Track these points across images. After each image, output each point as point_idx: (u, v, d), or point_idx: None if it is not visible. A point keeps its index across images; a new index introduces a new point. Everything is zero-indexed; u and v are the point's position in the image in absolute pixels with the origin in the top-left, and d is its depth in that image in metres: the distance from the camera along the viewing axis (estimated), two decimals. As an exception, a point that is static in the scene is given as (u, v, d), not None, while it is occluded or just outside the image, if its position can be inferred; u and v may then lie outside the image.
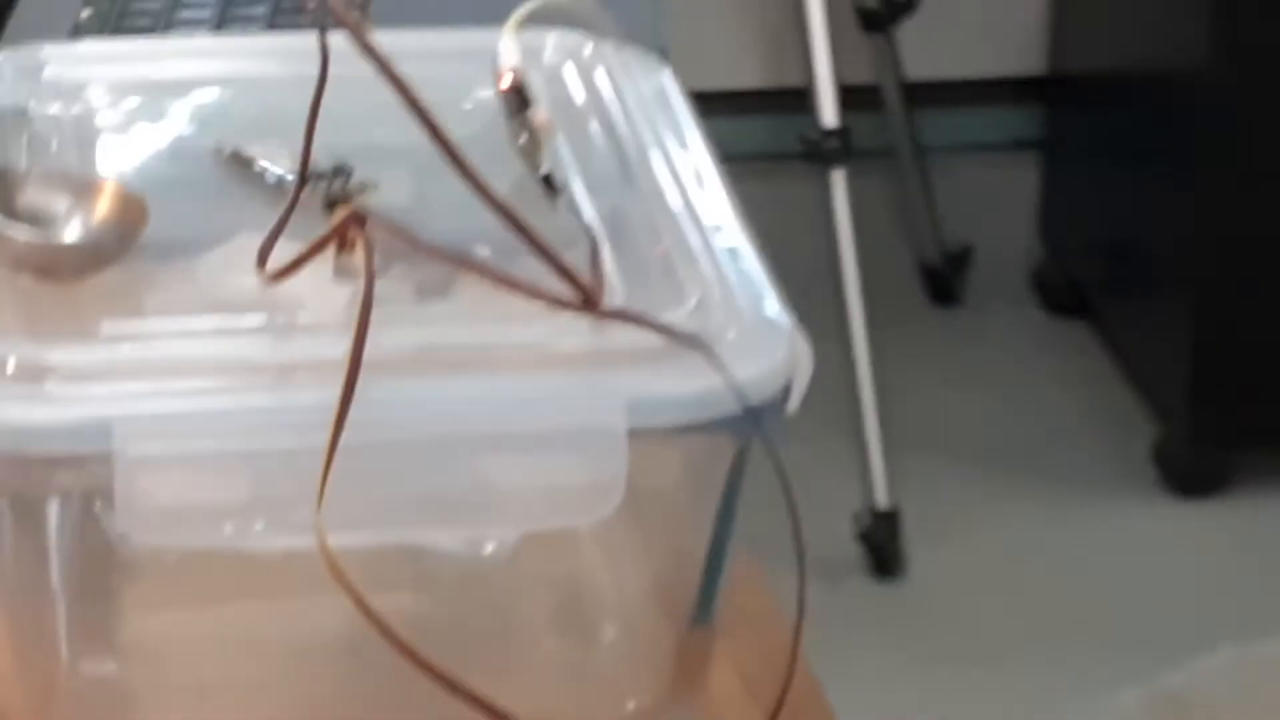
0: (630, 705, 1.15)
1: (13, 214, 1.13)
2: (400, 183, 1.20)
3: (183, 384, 1.06)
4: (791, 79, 3.29)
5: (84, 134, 1.25)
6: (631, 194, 1.21)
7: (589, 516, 1.08)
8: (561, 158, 1.22)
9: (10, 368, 1.05)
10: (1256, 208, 3.07)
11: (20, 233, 1.12)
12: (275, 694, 1.15)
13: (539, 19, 1.28)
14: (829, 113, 3.11)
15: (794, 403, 1.09)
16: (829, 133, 3.11)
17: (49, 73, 1.29)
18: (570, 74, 1.30)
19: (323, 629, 1.13)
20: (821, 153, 3.10)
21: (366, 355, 1.05)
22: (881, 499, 3.07)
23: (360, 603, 1.01)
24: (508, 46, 1.23)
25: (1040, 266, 3.56)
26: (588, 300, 1.09)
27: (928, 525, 3.11)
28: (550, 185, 1.18)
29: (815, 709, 1.17)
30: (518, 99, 1.22)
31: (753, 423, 1.07)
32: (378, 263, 1.09)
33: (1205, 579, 3.05)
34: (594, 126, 1.26)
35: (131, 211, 1.14)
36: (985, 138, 3.74)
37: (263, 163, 1.22)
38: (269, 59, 1.31)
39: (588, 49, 1.31)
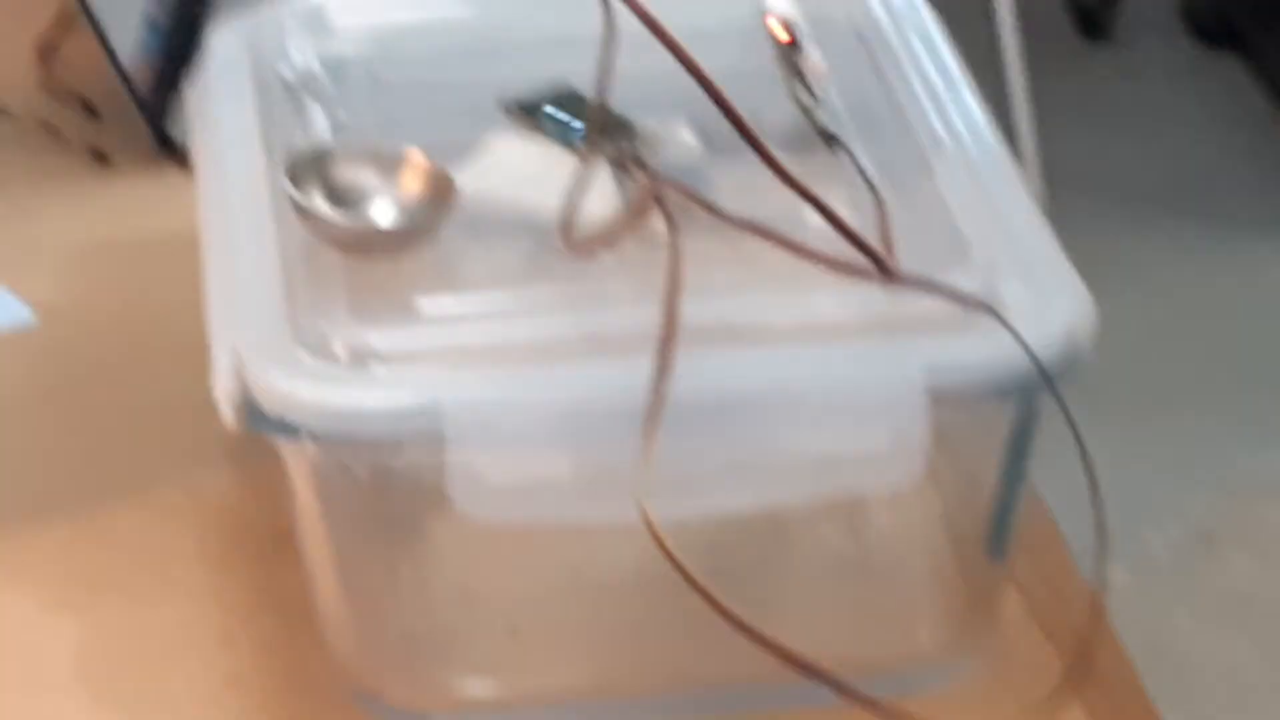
0: (924, 639, 1.23)
1: (327, 191, 1.19)
2: (680, 137, 1.25)
3: (503, 363, 1.11)
4: None
5: (372, 95, 1.31)
6: (903, 139, 1.26)
7: (892, 482, 1.13)
8: (834, 104, 1.28)
9: (339, 352, 1.11)
10: None
11: (338, 216, 1.18)
12: (581, 634, 1.22)
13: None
14: None
15: (1085, 359, 1.15)
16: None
17: (324, 24, 1.34)
18: (835, 11, 1.35)
19: (626, 572, 1.19)
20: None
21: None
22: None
23: (681, 569, 1.07)
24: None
25: (1190, -1, 3.50)
26: (880, 268, 1.15)
27: (1087, 273, 3.13)
28: (830, 139, 1.24)
29: (1116, 664, 1.22)
30: (790, 47, 1.28)
31: (1045, 381, 1.12)
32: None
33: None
34: (857, 58, 1.31)
35: (440, 186, 1.19)
36: None
37: (550, 110, 1.27)
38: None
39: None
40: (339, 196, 1.20)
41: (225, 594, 1.26)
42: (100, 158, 1.50)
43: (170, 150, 1.49)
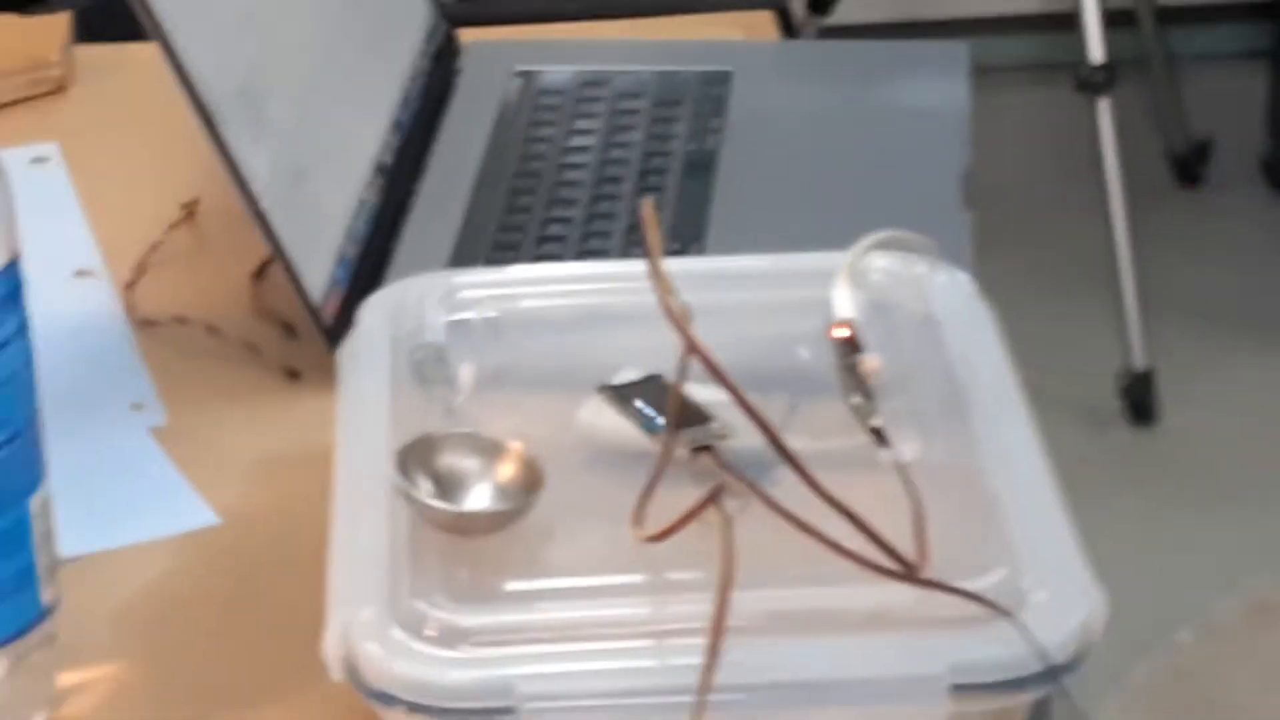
0: None
1: (431, 473, 1.07)
2: (748, 428, 1.10)
3: (574, 645, 1.00)
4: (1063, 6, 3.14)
5: (485, 374, 1.18)
6: (946, 437, 1.12)
7: None
8: (885, 399, 1.12)
9: (432, 631, 1.00)
10: None
11: (439, 503, 1.06)
12: None
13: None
14: (1096, 49, 3.03)
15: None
16: (1096, 68, 3.01)
17: (448, 304, 1.22)
18: (894, 297, 1.21)
19: None
20: (1090, 84, 3.01)
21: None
22: (1139, 359, 2.98)
23: None
24: (842, 297, 1.14)
25: (1269, 154, 3.43)
26: (911, 571, 1.01)
27: (1178, 382, 3.00)
28: (879, 438, 1.09)
29: None
30: (849, 346, 1.12)
31: (1057, 679, 0.99)
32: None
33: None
34: (915, 358, 1.17)
35: (532, 475, 1.08)
36: (1223, 49, 3.62)
37: (638, 404, 1.13)
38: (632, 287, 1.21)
39: (909, 269, 1.21)
40: (443, 481, 1.08)
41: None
42: (292, 374, 1.37)
43: (353, 371, 1.33)
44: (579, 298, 1.22)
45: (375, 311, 1.21)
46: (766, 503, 1.04)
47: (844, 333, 1.12)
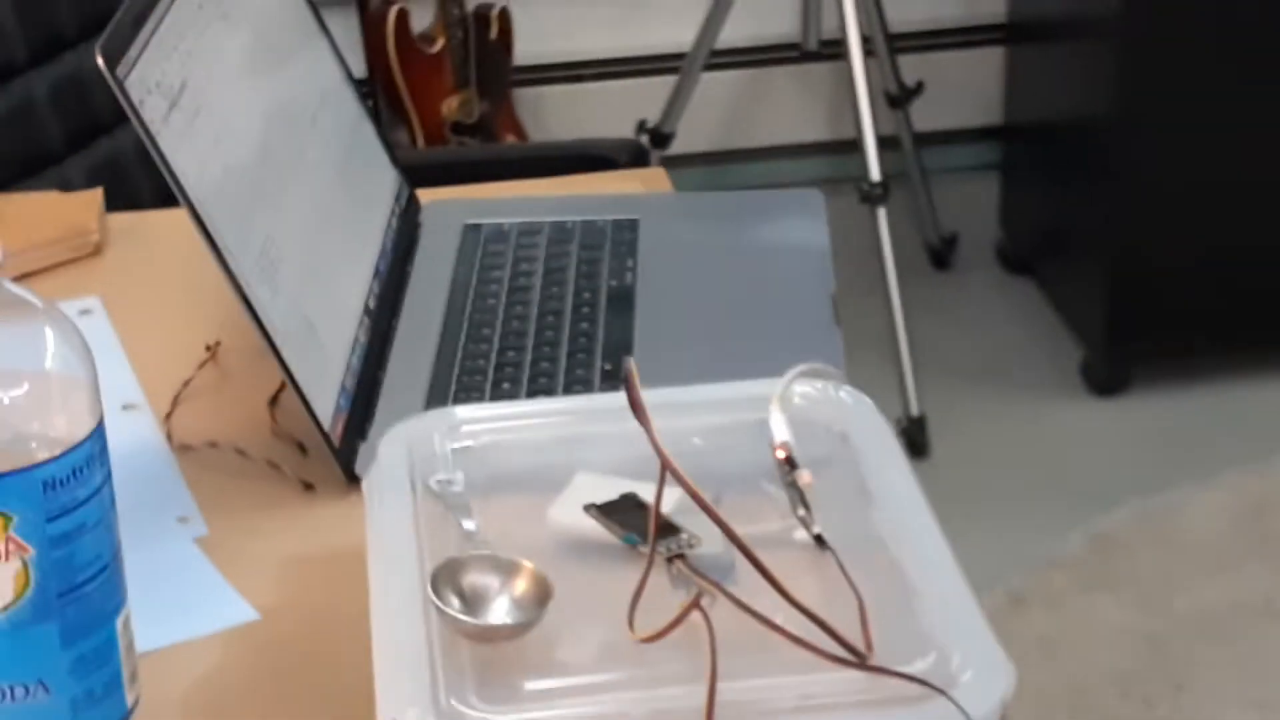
0: None
1: (458, 590, 0.98)
2: (713, 535, 1.02)
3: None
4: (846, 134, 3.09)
5: (488, 492, 1.08)
6: (865, 535, 1.03)
7: None
8: (818, 506, 1.03)
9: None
10: (1151, 204, 2.92)
11: (467, 617, 0.97)
12: None
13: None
14: (874, 169, 2.96)
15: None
16: (875, 184, 2.95)
17: (453, 436, 1.12)
18: (813, 416, 1.12)
19: None
20: (871, 197, 2.94)
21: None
22: (914, 406, 2.93)
23: None
24: (778, 422, 1.05)
25: (1001, 243, 3.38)
26: (861, 660, 0.93)
27: (943, 423, 2.96)
28: (821, 543, 1.00)
29: None
30: (788, 464, 1.04)
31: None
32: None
33: (1119, 452, 2.90)
34: (836, 469, 1.08)
35: (542, 588, 0.98)
36: (964, 164, 3.55)
37: (618, 519, 1.04)
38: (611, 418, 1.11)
39: (824, 394, 1.13)
40: (467, 596, 0.98)
41: None
42: (308, 487, 1.27)
43: (357, 482, 1.23)
44: (557, 428, 1.12)
45: (392, 445, 1.11)
46: (737, 604, 0.96)
47: (783, 454, 1.03)
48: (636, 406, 0.96)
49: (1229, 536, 2.69)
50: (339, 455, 1.29)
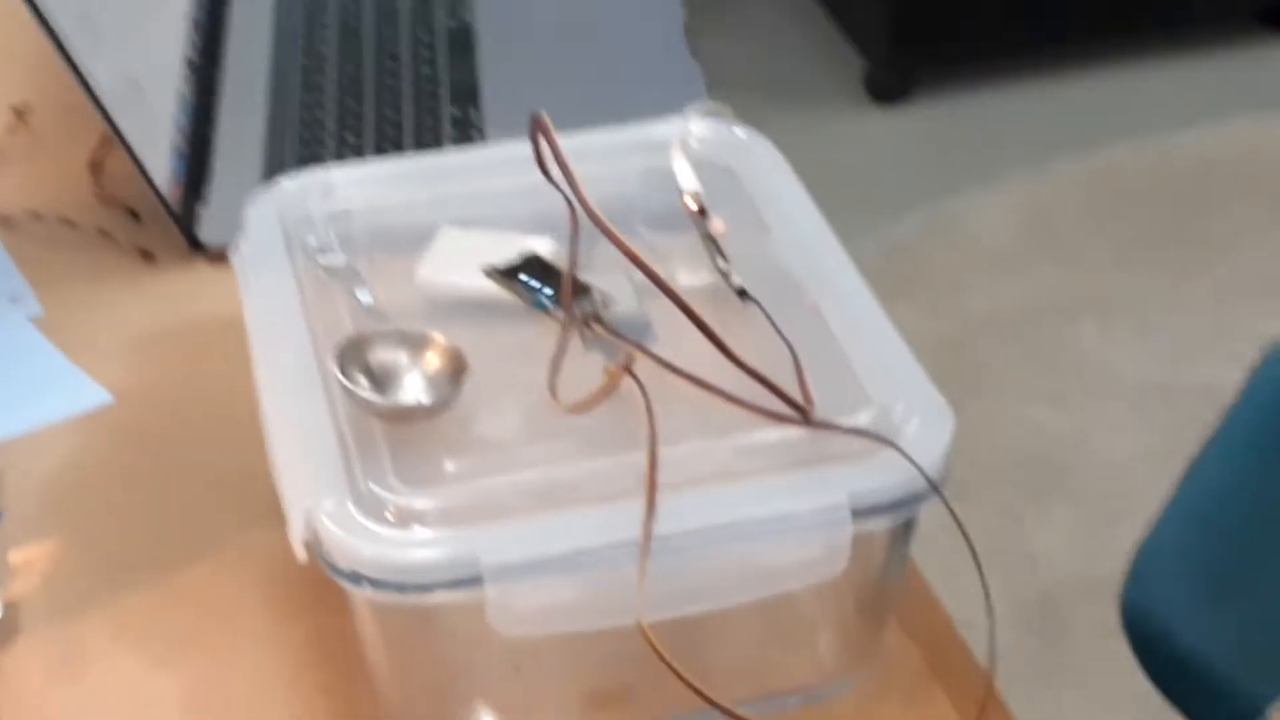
0: (834, 664, 0.95)
1: (365, 369, 0.89)
2: (624, 293, 0.94)
3: (521, 515, 0.84)
4: None
5: (385, 272, 0.99)
6: (784, 286, 0.96)
7: (825, 577, 0.86)
8: (736, 256, 0.96)
9: (390, 515, 0.84)
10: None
11: (381, 398, 0.89)
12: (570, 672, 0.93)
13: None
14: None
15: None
16: None
17: (329, 199, 1.02)
18: (711, 158, 1.04)
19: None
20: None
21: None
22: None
23: (665, 660, 0.82)
24: (683, 169, 0.98)
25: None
26: (805, 416, 0.87)
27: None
28: (744, 296, 0.94)
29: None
30: (700, 214, 0.96)
31: (938, 494, 0.86)
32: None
33: (905, 160, 2.87)
34: (741, 213, 1.01)
35: (456, 362, 0.90)
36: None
37: (524, 278, 0.96)
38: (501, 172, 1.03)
39: (718, 134, 1.05)
40: (376, 375, 0.90)
41: (289, 642, 0.96)
42: (147, 256, 1.16)
43: (200, 249, 1.13)
44: (446, 185, 1.03)
45: (261, 212, 1.01)
46: (664, 365, 0.89)
47: (694, 203, 0.96)
48: (559, 159, 0.88)
49: (1017, 239, 2.69)
50: (179, 220, 1.19)
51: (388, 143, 1.24)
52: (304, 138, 1.25)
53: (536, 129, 0.88)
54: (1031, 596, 2.11)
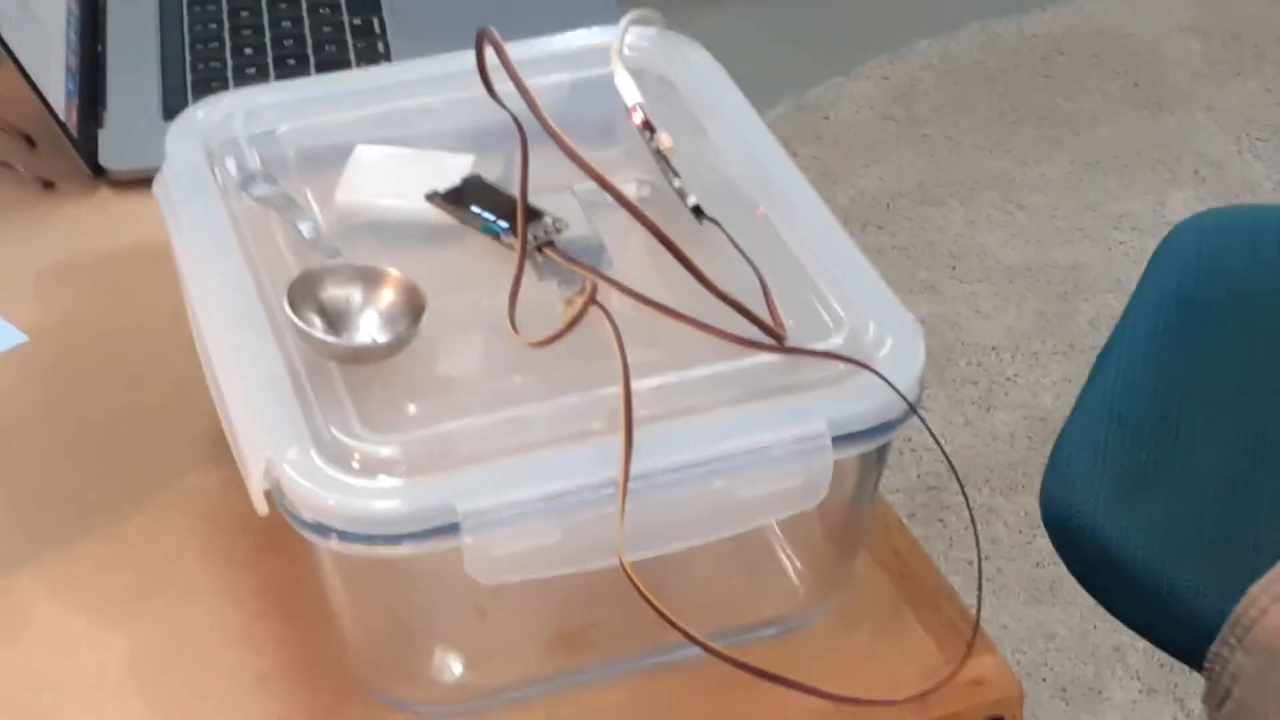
0: (804, 594, 0.92)
1: (318, 307, 0.84)
2: (574, 214, 0.90)
3: (494, 457, 0.79)
4: None
5: (319, 201, 0.93)
6: (735, 201, 0.92)
7: (805, 507, 0.83)
8: (685, 170, 0.92)
9: (356, 464, 0.79)
10: None
11: (336, 338, 0.83)
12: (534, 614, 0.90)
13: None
14: None
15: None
16: None
17: (253, 123, 0.96)
18: (649, 68, 0.99)
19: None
20: None
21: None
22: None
23: (649, 601, 0.78)
24: (624, 82, 0.93)
25: None
26: (779, 342, 0.83)
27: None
28: (699, 214, 0.89)
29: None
30: (646, 128, 0.92)
31: (915, 414, 0.83)
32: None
33: (765, 53, 2.82)
34: (687, 127, 0.96)
35: (412, 298, 0.85)
36: None
37: (476, 209, 0.91)
38: (414, 89, 0.98)
39: (649, 38, 1.00)
40: (329, 314, 0.85)
41: (239, 593, 0.92)
42: (47, 185, 1.10)
43: (101, 174, 1.06)
44: (371, 105, 0.97)
45: (181, 140, 0.95)
46: (631, 294, 0.85)
47: (639, 116, 0.91)
48: (514, 77, 0.83)
49: (878, 126, 2.67)
50: (79, 146, 1.12)
51: (291, 57, 1.17)
52: (199, 54, 1.18)
53: (484, 43, 0.83)
54: (915, 484, 2.10)
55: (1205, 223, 1.50)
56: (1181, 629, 1.24)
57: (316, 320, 0.83)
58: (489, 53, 0.85)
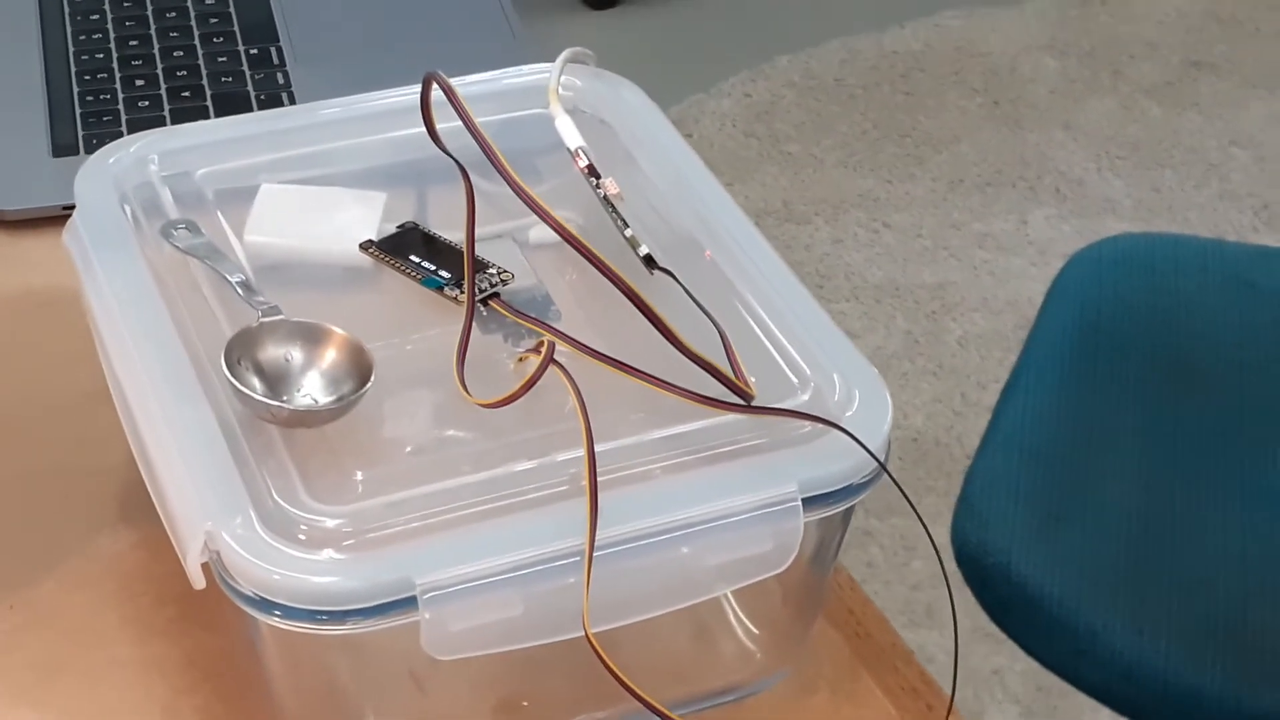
0: (760, 660, 0.88)
1: (256, 366, 0.79)
2: (518, 264, 0.85)
3: (449, 527, 0.74)
4: None
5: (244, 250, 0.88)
6: (687, 251, 0.87)
7: (774, 571, 0.79)
8: (629, 215, 0.87)
9: (303, 536, 0.74)
10: None
11: (278, 401, 0.78)
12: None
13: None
14: None
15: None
16: None
17: (171, 167, 0.90)
18: (585, 109, 0.95)
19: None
20: None
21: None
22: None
23: (614, 674, 0.73)
24: (565, 125, 0.88)
25: None
26: (746, 401, 0.79)
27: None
28: (651, 263, 0.85)
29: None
30: (590, 173, 0.87)
31: (886, 474, 0.79)
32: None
33: (623, 66, 2.76)
34: (627, 171, 0.92)
35: (357, 357, 0.80)
36: None
37: (415, 259, 0.86)
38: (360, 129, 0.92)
39: (586, 80, 0.96)
40: (268, 374, 0.79)
41: (161, 666, 0.86)
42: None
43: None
44: (290, 147, 0.92)
45: (93, 184, 0.89)
46: (585, 351, 0.81)
47: (583, 161, 0.87)
48: (468, 123, 0.78)
49: (741, 144, 2.64)
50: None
51: (186, 90, 1.11)
52: (87, 84, 1.12)
53: (430, 87, 0.78)
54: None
55: (1103, 252, 1.49)
56: (1098, 668, 1.22)
57: (255, 382, 0.77)
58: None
